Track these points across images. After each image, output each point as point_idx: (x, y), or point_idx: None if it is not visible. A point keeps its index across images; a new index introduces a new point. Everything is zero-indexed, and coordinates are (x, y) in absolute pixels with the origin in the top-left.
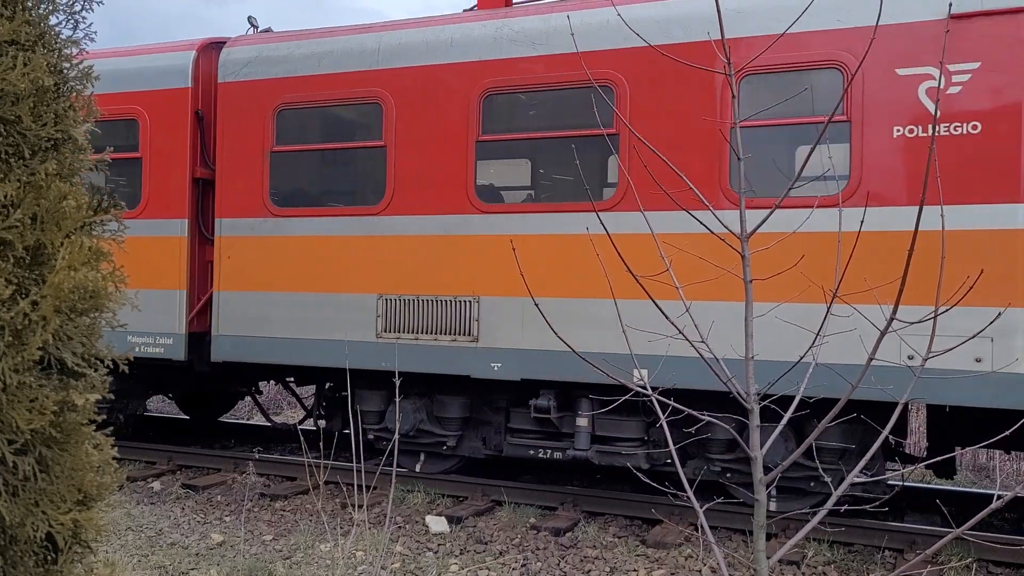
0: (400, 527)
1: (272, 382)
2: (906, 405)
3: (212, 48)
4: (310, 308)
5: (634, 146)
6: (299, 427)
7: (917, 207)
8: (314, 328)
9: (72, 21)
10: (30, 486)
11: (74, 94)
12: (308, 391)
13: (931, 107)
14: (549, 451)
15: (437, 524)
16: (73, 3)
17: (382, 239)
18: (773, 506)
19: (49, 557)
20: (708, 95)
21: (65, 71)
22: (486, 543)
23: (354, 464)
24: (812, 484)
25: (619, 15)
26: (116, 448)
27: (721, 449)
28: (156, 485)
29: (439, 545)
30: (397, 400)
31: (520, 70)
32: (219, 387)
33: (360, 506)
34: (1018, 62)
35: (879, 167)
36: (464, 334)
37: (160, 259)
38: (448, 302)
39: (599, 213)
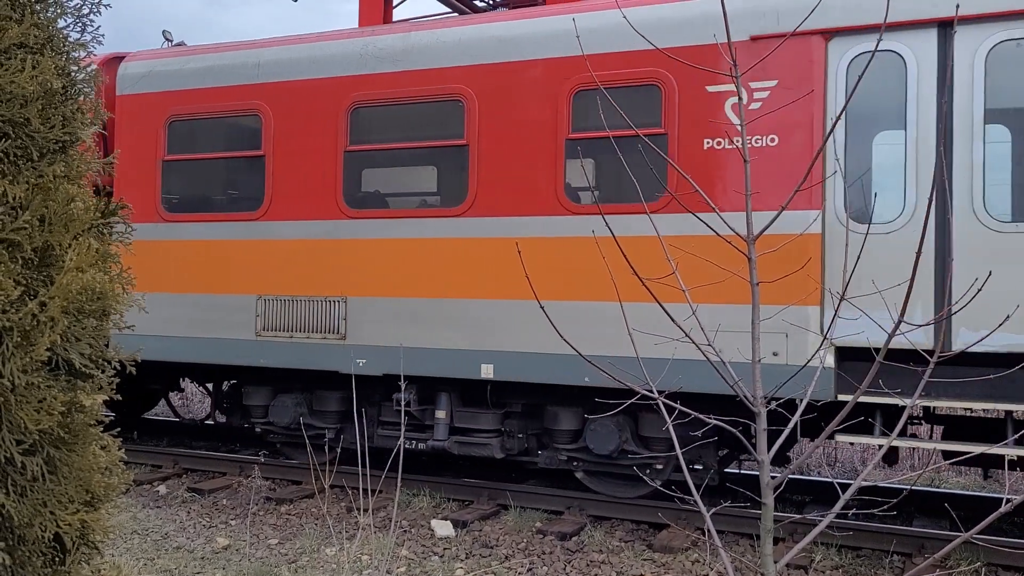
0: (406, 531)
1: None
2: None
3: (114, 62)
4: (200, 308)
5: (482, 156)
6: (207, 422)
7: (725, 213)
8: (203, 327)
9: (80, 24)
10: (38, 486)
11: (82, 97)
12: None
13: (736, 121)
14: (414, 442)
15: (443, 528)
16: (81, 7)
17: (261, 243)
18: (601, 487)
19: (57, 558)
20: (549, 108)
21: (73, 74)
22: (492, 547)
23: (359, 468)
24: (648, 472)
25: (466, 35)
26: (123, 450)
27: (567, 439)
28: (162, 488)
29: (445, 549)
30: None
31: (384, 85)
32: (134, 385)
33: (366, 510)
34: (809, 80)
35: (692, 176)
36: (333, 332)
37: None
38: (320, 302)
39: (455, 218)
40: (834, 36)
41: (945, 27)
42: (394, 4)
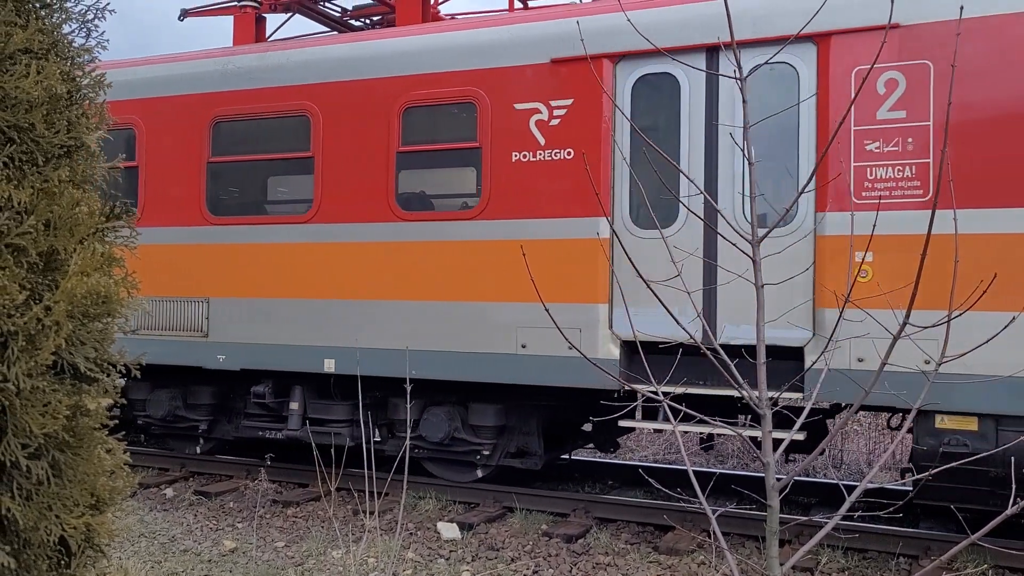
0: (412, 534)
1: None
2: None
3: None
4: None
5: (325, 167)
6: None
7: (540, 219)
8: None
9: (85, 29)
10: (43, 490)
11: (87, 102)
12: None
13: (539, 136)
14: (272, 432)
15: (449, 531)
16: (86, 12)
17: (140, 248)
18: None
19: (62, 561)
20: (383, 124)
21: (78, 79)
22: (498, 550)
23: (365, 471)
24: (478, 457)
25: (316, 55)
26: (128, 453)
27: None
28: (169, 491)
29: (451, 552)
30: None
31: (241, 101)
32: None
33: (372, 513)
34: (599, 99)
35: (503, 186)
36: (197, 331)
37: None
38: (186, 303)
39: (302, 225)
40: (621, 59)
41: (713, 52)
42: (268, 27)
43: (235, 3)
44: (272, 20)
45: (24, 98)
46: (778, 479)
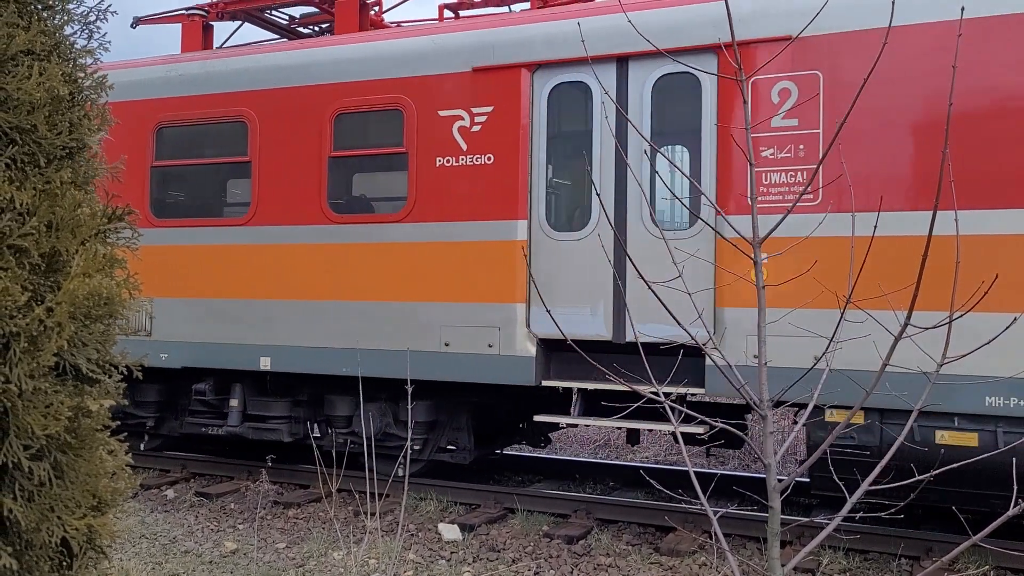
0: (413, 535)
1: None
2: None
3: None
4: None
5: (262, 172)
6: None
7: (463, 222)
8: None
9: (87, 31)
10: (45, 491)
11: (88, 103)
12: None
13: (462, 142)
14: (214, 428)
15: (450, 532)
16: (88, 14)
17: None
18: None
19: (64, 562)
20: (316, 130)
21: (80, 80)
22: (499, 551)
23: (366, 472)
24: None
25: (251, 64)
26: (130, 455)
27: (343, 424)
28: (170, 493)
29: (452, 553)
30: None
31: (184, 107)
32: None
33: (373, 514)
34: (518, 106)
35: (428, 190)
36: (141, 329)
37: None
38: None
39: (240, 227)
40: (538, 68)
41: (623, 61)
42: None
43: (183, 11)
44: (224, 29)
45: (26, 99)
46: (779, 480)
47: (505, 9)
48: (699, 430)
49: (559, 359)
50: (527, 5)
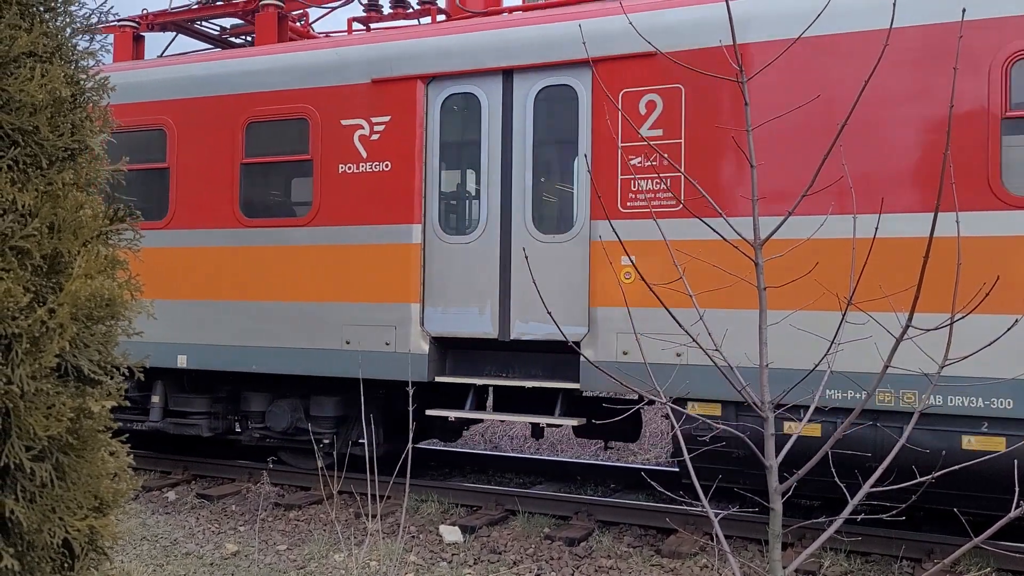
0: (414, 537)
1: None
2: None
3: None
4: None
5: (179, 178)
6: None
7: (362, 226)
8: None
9: (89, 34)
10: (47, 492)
11: (90, 105)
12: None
13: (362, 150)
14: (137, 424)
15: (451, 534)
16: (90, 16)
17: None
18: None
19: (66, 563)
20: (229, 137)
21: (82, 82)
22: (500, 553)
23: (367, 474)
24: (321, 446)
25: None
26: (132, 456)
27: (258, 420)
28: (171, 495)
29: (453, 555)
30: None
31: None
32: None
33: (374, 516)
34: (413, 116)
35: (331, 195)
36: None
37: None
38: None
39: (160, 231)
40: (432, 80)
41: (508, 74)
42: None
43: (115, 22)
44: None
45: (28, 101)
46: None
47: (414, 22)
48: (573, 422)
49: (455, 356)
50: (443, 18)
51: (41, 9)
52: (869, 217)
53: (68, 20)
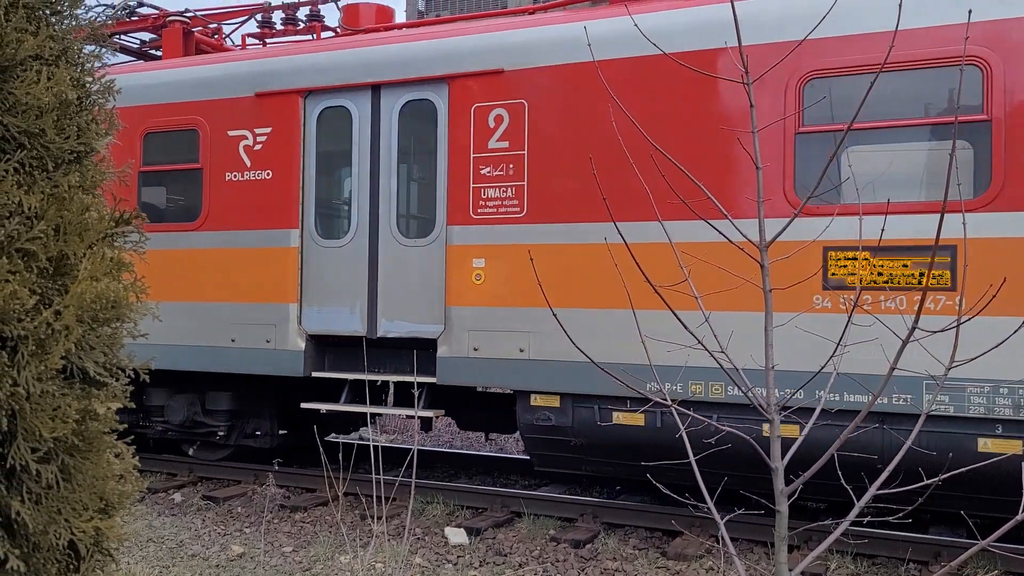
0: (419, 539)
1: None
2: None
3: None
4: None
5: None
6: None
7: (246, 230)
8: None
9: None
10: (53, 494)
11: (96, 107)
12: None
13: (246, 159)
14: None
15: (456, 536)
16: (95, 19)
17: None
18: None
19: (71, 565)
20: (129, 146)
21: (88, 85)
22: (505, 555)
23: (373, 475)
24: (217, 437)
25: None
26: (137, 457)
27: (159, 414)
28: (177, 497)
29: (458, 557)
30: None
31: None
32: None
33: (379, 518)
34: (293, 128)
35: (219, 202)
36: None
37: None
38: None
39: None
40: (308, 94)
41: (376, 89)
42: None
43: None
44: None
45: (35, 104)
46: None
47: (309, 37)
48: (430, 414)
49: (334, 353)
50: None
51: (47, 12)
52: (666, 224)
53: (74, 23)
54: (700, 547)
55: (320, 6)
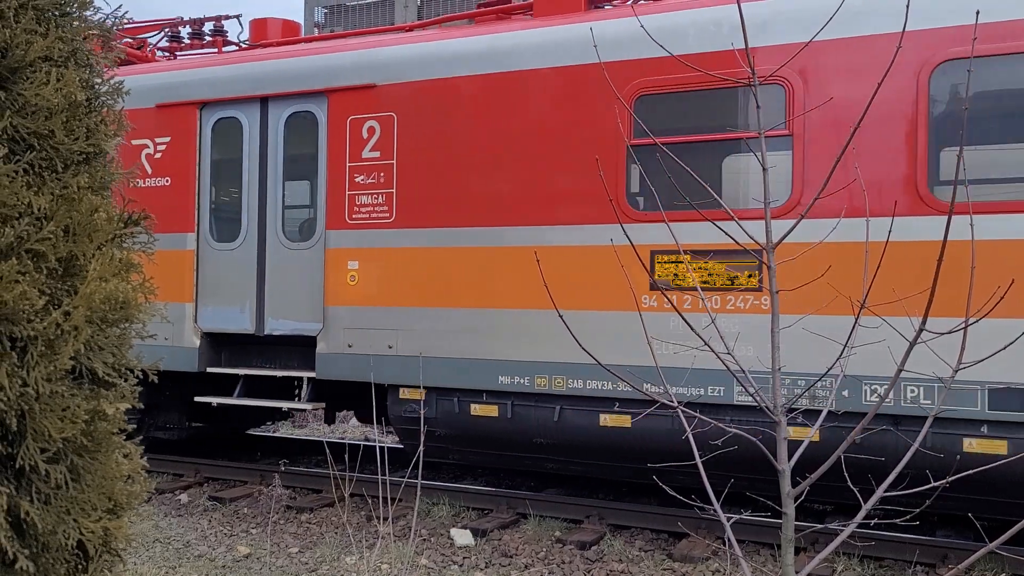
0: (425, 540)
1: None
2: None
3: None
4: None
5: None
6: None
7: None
8: None
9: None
10: (62, 494)
11: (105, 109)
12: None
13: (148, 166)
14: None
15: (462, 537)
16: (104, 20)
17: None
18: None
19: (80, 565)
20: None
21: (97, 86)
22: (511, 556)
23: (379, 477)
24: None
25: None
26: (145, 458)
27: None
28: (184, 497)
29: (464, 558)
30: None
31: None
32: None
33: (385, 519)
34: (190, 137)
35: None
36: None
37: None
38: None
39: None
40: (204, 106)
41: (264, 102)
42: None
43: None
44: None
45: (44, 105)
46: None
47: (214, 50)
48: (308, 407)
49: (230, 350)
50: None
51: (56, 14)
52: (539, 229)
53: (83, 25)
54: (706, 549)
55: (224, 21)
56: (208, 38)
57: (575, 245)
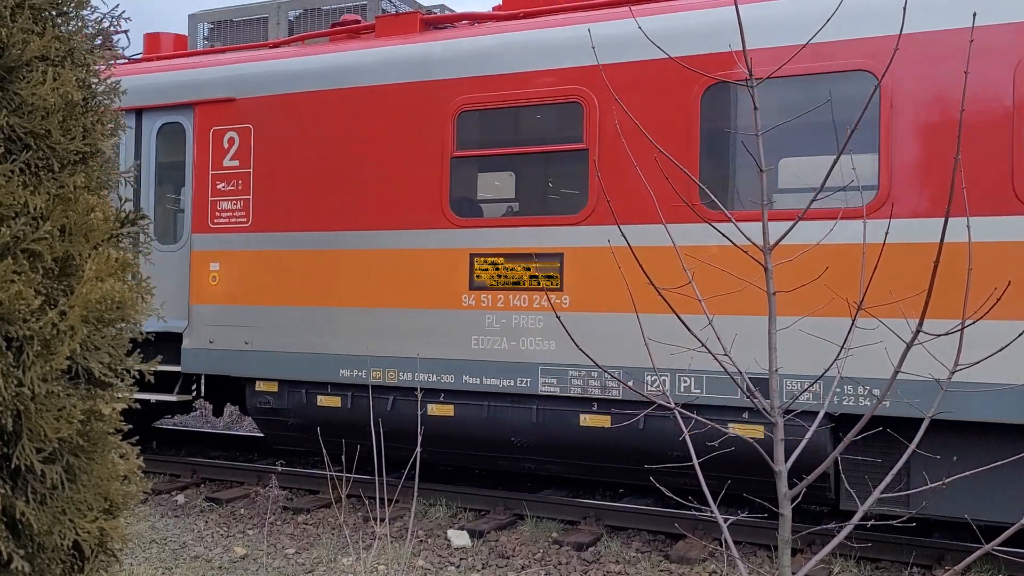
0: (422, 541)
1: None
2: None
3: None
4: None
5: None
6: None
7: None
8: None
9: (100, 37)
10: (57, 494)
11: (102, 108)
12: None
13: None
14: None
15: (459, 538)
16: (102, 20)
17: None
18: None
19: (76, 565)
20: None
21: (93, 86)
22: (508, 557)
23: (376, 478)
24: None
25: None
26: (141, 458)
27: None
28: (180, 498)
29: (461, 559)
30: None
31: None
32: None
33: (382, 520)
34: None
35: None
36: None
37: None
38: None
39: None
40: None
41: (140, 113)
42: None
43: None
44: None
45: (40, 105)
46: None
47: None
48: (173, 398)
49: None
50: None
51: (53, 13)
52: (374, 233)
53: (80, 24)
54: (703, 550)
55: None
56: None
57: (404, 248)
